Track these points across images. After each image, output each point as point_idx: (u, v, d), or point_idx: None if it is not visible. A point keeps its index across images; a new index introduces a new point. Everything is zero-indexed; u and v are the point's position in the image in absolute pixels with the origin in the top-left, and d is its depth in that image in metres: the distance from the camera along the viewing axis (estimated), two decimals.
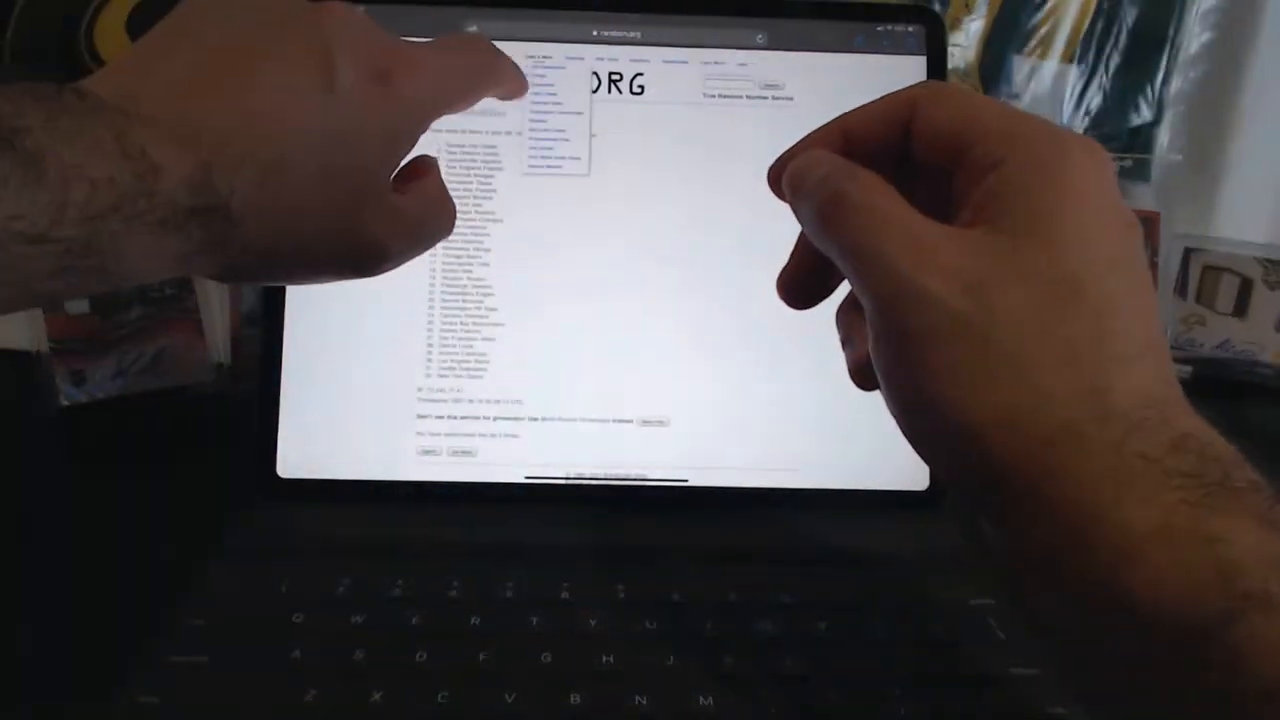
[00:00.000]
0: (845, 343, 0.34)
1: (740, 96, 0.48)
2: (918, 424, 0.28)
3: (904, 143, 0.31)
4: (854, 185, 0.28)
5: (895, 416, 0.29)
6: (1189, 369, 0.63)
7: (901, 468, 0.46)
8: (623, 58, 0.48)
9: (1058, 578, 0.26)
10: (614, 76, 0.48)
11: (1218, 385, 0.63)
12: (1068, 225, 0.26)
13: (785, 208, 0.47)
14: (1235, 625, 0.22)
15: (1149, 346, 0.26)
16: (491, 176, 0.47)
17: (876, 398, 0.43)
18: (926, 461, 0.30)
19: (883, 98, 0.32)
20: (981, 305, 0.26)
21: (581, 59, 0.48)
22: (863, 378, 0.32)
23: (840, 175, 0.29)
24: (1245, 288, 0.62)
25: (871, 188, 0.28)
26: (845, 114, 0.32)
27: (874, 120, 0.32)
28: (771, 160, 0.34)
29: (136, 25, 0.62)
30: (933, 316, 0.26)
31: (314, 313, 0.46)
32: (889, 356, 0.28)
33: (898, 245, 0.27)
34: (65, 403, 0.54)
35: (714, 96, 0.48)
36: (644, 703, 0.33)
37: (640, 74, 0.48)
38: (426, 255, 0.46)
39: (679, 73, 0.48)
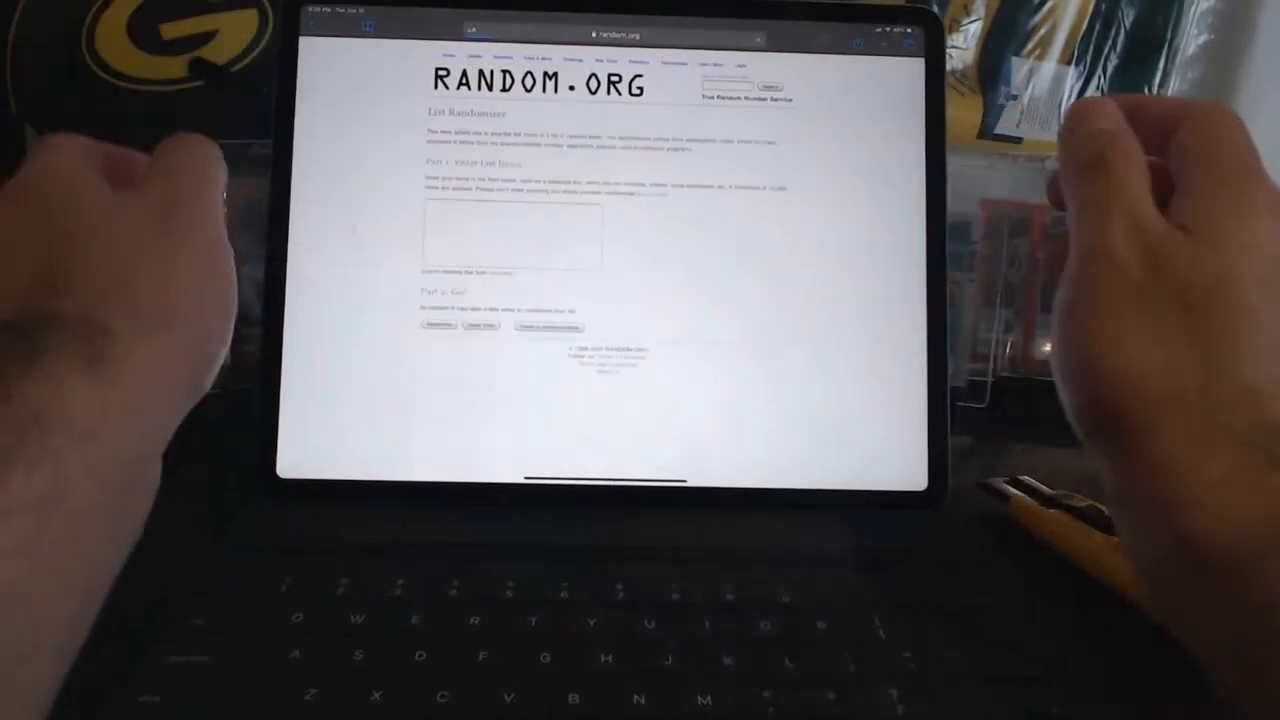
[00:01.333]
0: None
1: (739, 98, 0.48)
2: (1065, 364, 0.34)
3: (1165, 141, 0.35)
4: (1119, 156, 0.34)
5: (1053, 350, 0.35)
6: None
7: (901, 468, 0.46)
8: (622, 59, 0.48)
9: (1143, 514, 0.31)
10: (613, 78, 0.48)
11: None
12: (1242, 248, 0.32)
13: (781, 210, 0.47)
14: (1275, 559, 0.27)
15: (1270, 354, 0.31)
16: (490, 179, 0.47)
17: (875, 400, 0.44)
18: (1066, 391, 0.35)
19: (1172, 99, 0.37)
20: (1153, 283, 0.32)
21: (580, 60, 0.48)
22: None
23: (1114, 139, 0.35)
24: None
25: (1129, 164, 0.34)
26: (1140, 96, 0.38)
27: (1157, 114, 0.36)
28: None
29: (137, 26, 0.62)
30: (1117, 276, 0.32)
31: (314, 312, 0.46)
32: (1073, 296, 0.33)
33: (1122, 217, 0.33)
34: None
35: (713, 98, 0.48)
36: (643, 702, 0.33)
37: (639, 75, 0.48)
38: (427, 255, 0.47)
39: (678, 74, 0.48)
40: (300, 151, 0.47)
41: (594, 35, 0.48)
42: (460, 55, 0.48)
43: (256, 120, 0.51)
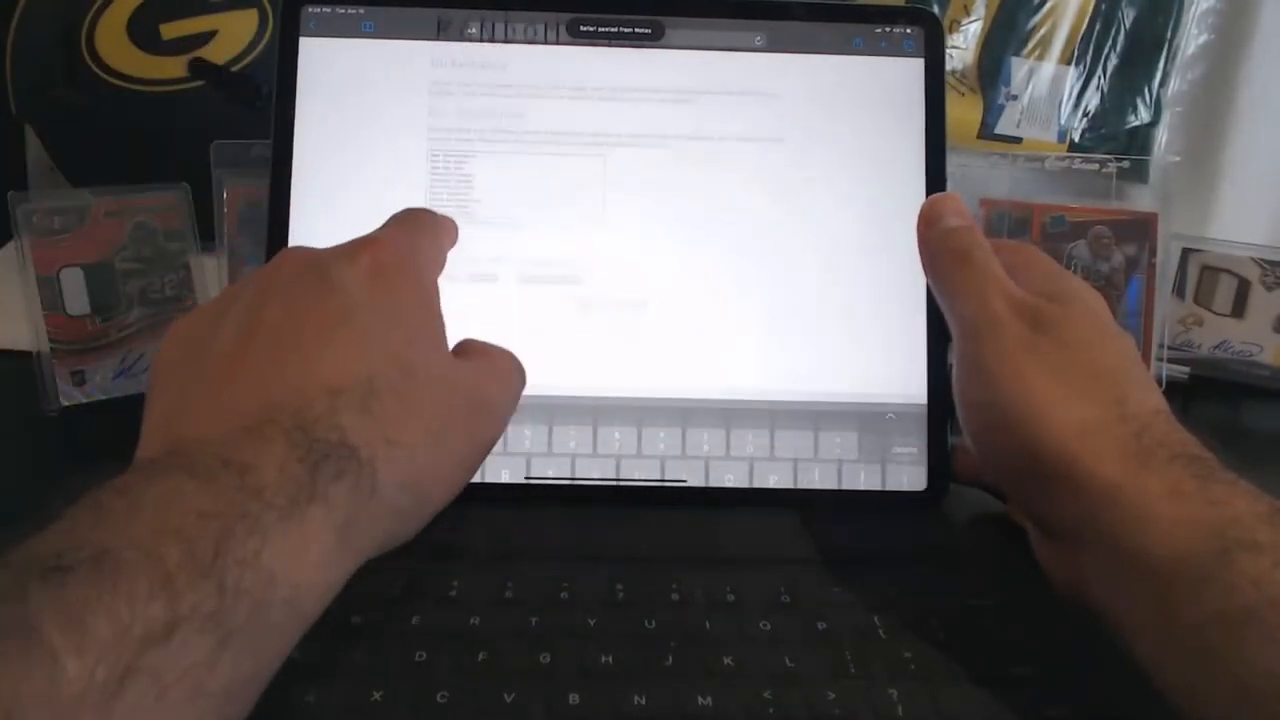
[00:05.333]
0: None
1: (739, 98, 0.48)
2: (981, 417, 0.38)
3: None
4: (978, 247, 0.40)
5: (965, 416, 0.39)
6: (1186, 370, 0.63)
7: (901, 468, 0.46)
8: (622, 59, 0.48)
9: (1089, 539, 0.33)
10: (614, 78, 0.48)
11: (1215, 386, 0.63)
12: (1085, 305, 0.38)
13: (782, 211, 0.47)
14: (1228, 562, 0.29)
15: (1153, 388, 0.37)
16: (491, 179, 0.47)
17: (874, 401, 0.44)
18: (983, 453, 0.39)
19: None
20: (1040, 338, 0.36)
21: (581, 61, 0.48)
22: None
23: (970, 234, 0.40)
24: (1243, 288, 0.62)
25: (987, 253, 0.40)
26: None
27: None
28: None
29: (137, 26, 0.62)
30: (1007, 336, 0.37)
31: None
32: (978, 363, 0.37)
33: (998, 292, 0.38)
34: (65, 403, 0.54)
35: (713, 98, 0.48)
36: (643, 702, 0.33)
37: (640, 76, 0.48)
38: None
39: (678, 75, 0.48)
40: (300, 152, 0.46)
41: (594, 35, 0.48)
42: (460, 55, 0.48)
43: (256, 120, 0.51)
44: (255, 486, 0.25)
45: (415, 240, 0.36)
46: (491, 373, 0.36)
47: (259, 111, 0.61)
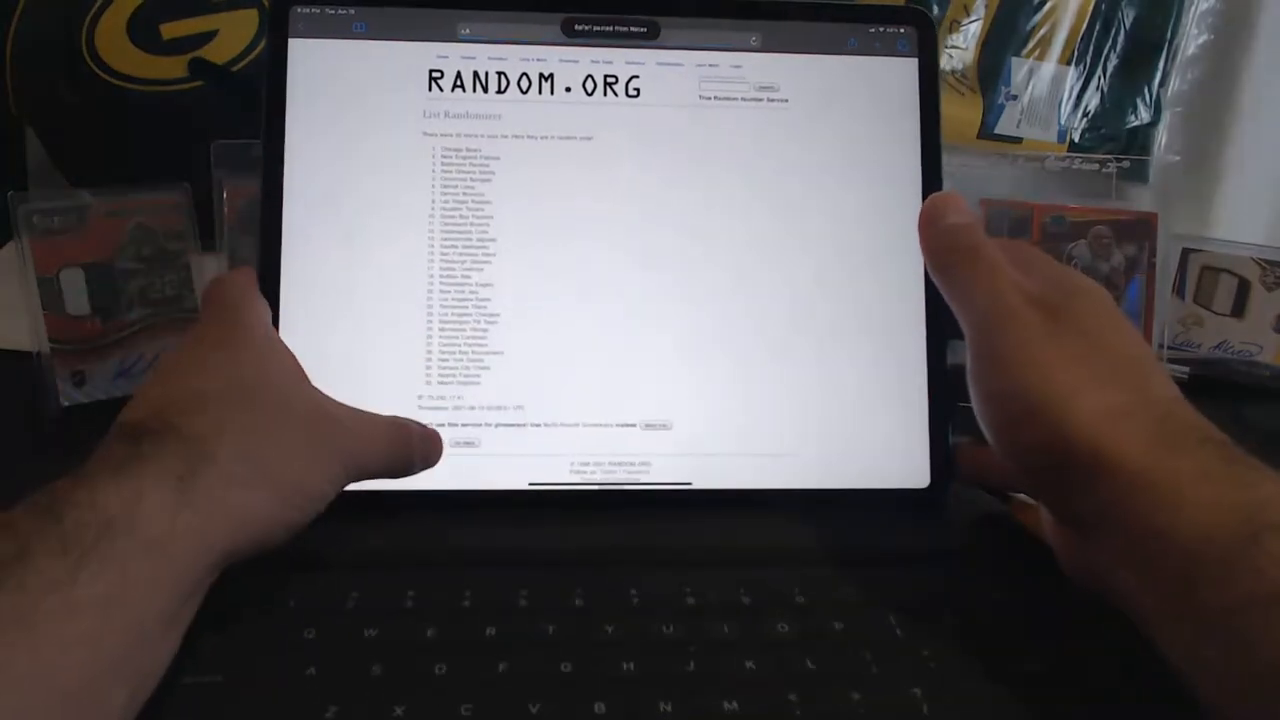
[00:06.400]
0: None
1: (735, 99, 0.48)
2: (1004, 409, 0.37)
3: None
4: (984, 242, 0.40)
5: (984, 409, 0.38)
6: (1186, 370, 0.63)
7: (902, 467, 0.46)
8: (618, 60, 0.48)
9: (1117, 524, 0.33)
10: (609, 79, 0.48)
11: (1215, 386, 0.63)
12: (1096, 294, 0.39)
13: (780, 210, 0.47)
14: (1258, 545, 0.29)
15: (1169, 377, 0.37)
16: (488, 181, 0.47)
17: (876, 399, 0.44)
18: (1004, 446, 0.38)
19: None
20: (1058, 328, 0.36)
21: (577, 61, 0.48)
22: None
23: (975, 230, 0.41)
24: (1243, 288, 0.62)
25: (992, 247, 0.40)
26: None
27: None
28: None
29: (137, 26, 0.61)
30: (1024, 327, 0.37)
31: (313, 318, 0.45)
32: (997, 355, 0.37)
33: (1010, 285, 0.38)
34: (65, 403, 0.53)
35: (709, 99, 0.48)
36: (669, 709, 0.32)
37: (635, 76, 0.48)
38: (424, 262, 0.46)
39: (674, 75, 0.48)
40: (291, 156, 0.46)
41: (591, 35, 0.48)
42: (454, 56, 0.47)
43: (256, 120, 0.51)
44: (87, 465, 0.31)
45: (227, 312, 0.41)
46: (359, 422, 0.40)
47: (258, 111, 0.61)
